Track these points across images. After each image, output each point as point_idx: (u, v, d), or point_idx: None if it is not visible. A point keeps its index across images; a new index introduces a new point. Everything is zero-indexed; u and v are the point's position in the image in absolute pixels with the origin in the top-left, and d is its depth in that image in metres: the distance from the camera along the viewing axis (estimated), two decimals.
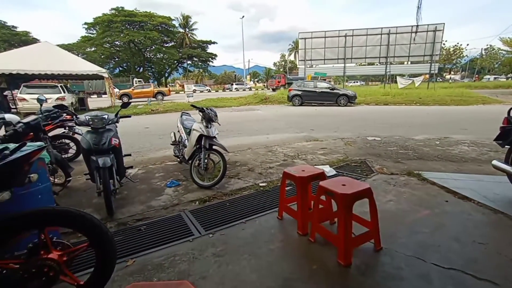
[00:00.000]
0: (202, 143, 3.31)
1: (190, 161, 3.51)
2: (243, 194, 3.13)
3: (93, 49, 40.68)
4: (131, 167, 3.62)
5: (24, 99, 11.98)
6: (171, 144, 4.33)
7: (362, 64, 23.79)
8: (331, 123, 8.52)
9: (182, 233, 2.33)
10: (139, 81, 35.62)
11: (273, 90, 32.45)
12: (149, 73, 49.52)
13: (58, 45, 16.95)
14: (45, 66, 12.42)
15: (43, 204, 1.79)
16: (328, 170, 3.67)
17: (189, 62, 49.41)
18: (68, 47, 30.55)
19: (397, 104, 14.35)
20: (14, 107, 12.66)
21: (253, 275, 1.79)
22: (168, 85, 48.34)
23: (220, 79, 61.12)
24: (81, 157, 4.58)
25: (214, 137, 3.39)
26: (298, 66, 32.24)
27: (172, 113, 12.19)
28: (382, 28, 19.45)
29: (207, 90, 38.97)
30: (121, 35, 39.51)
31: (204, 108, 3.43)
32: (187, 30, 47.80)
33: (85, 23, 40.92)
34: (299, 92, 14.82)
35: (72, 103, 12.97)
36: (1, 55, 13.41)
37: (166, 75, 50.86)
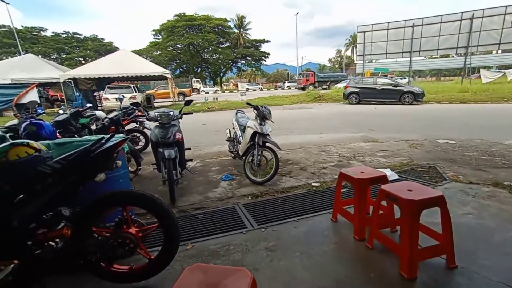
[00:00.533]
0: (256, 140, 3.39)
1: (243, 157, 3.64)
2: (295, 193, 3.10)
3: (158, 52, 45.38)
4: (191, 160, 3.93)
5: (107, 99, 14.19)
6: (226, 140, 4.56)
7: (433, 57, 20.85)
8: (393, 123, 7.78)
9: (235, 225, 2.44)
10: (197, 81, 38.39)
11: (302, 89, 30.53)
12: (206, 73, 52.91)
13: (132, 51, 19.46)
14: (123, 70, 14.41)
15: (123, 187, 2.09)
16: (390, 174, 3.37)
17: (242, 61, 51.08)
18: (139, 52, 34.73)
19: (479, 102, 12.18)
20: (100, 105, 15.02)
21: (305, 273, 1.77)
22: (222, 85, 50.86)
23: (272, 77, 61.46)
24: (148, 149, 5.21)
25: (268, 134, 3.44)
26: (355, 61, 30.23)
27: (226, 111, 12.80)
28: (462, 12, 16.69)
29: (259, 88, 39.71)
30: (182, 39, 43.12)
31: (259, 106, 3.50)
32: (242, 30, 49.40)
33: (153, 30, 45.97)
34: (357, 90, 13.88)
35: (141, 101, 14.77)
36: (93, 63, 16.09)
37: (221, 74, 53.64)
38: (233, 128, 4.35)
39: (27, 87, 14.34)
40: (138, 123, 5.33)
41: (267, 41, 50.88)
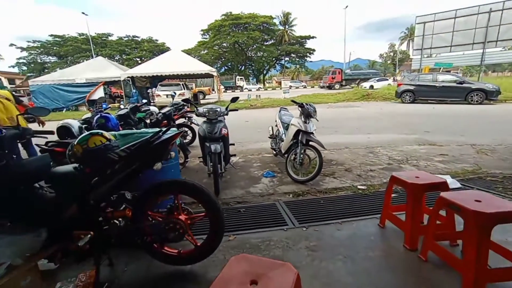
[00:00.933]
0: (299, 138, 3.34)
1: (286, 155, 3.63)
2: (339, 194, 2.98)
3: (205, 51, 47.55)
4: (234, 155, 4.06)
5: (159, 95, 15.43)
6: (269, 138, 4.59)
7: None
8: (456, 125, 6.91)
9: (276, 221, 2.46)
10: (240, 78, 39.30)
11: (328, 87, 28.72)
12: (249, 71, 53.77)
13: (182, 51, 20.79)
14: (173, 68, 15.46)
15: (174, 177, 2.27)
16: (450, 181, 3.01)
17: (286, 58, 50.51)
18: (188, 51, 36.90)
19: None
20: (152, 101, 16.45)
21: (348, 278, 1.69)
22: (265, 82, 51.07)
23: (317, 74, 59.47)
24: (195, 142, 5.54)
25: (312, 133, 3.36)
26: (411, 56, 27.40)
27: (268, 108, 12.86)
28: None
29: (302, 86, 38.89)
30: (228, 37, 44.45)
31: (304, 104, 3.44)
32: (287, 27, 48.83)
33: (201, 30, 48.31)
34: (411, 87, 12.61)
35: (189, 98, 15.70)
36: (148, 62, 17.65)
37: (265, 72, 53.92)
38: (276, 126, 4.35)
39: (96, 85, 16.46)
40: (187, 118, 5.69)
41: (313, 37, 49.40)
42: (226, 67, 52.16)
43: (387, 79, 28.18)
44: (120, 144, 1.69)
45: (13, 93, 4.09)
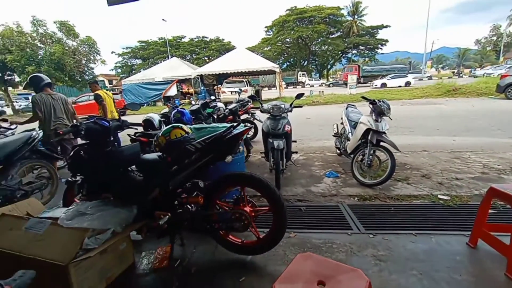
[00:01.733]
0: (369, 138, 3.08)
1: (351, 155, 3.40)
2: (414, 203, 2.65)
3: (268, 48, 47.97)
4: (296, 152, 4.02)
5: (224, 92, 16.41)
6: (333, 136, 4.38)
7: None
8: None
9: (340, 224, 2.34)
10: (302, 74, 38.45)
11: (346, 85, 24.13)
12: (312, 66, 52.05)
13: (246, 48, 21.52)
14: (237, 66, 16.16)
15: (240, 170, 2.38)
16: None
17: (354, 51, 46.87)
18: (252, 49, 37.86)
19: None
20: (218, 98, 17.60)
21: None
22: (329, 77, 48.72)
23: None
24: (256, 138, 5.70)
25: (384, 132, 3.06)
26: None
27: (331, 105, 12.28)
28: None
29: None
30: (292, 32, 43.76)
31: (376, 100, 3.15)
32: (356, 17, 45.15)
33: (265, 26, 48.87)
34: None
35: (251, 94, 16.20)
36: (215, 61, 18.93)
37: (329, 67, 51.39)
38: (342, 123, 4.12)
39: (170, 83, 18.54)
40: (250, 114, 5.90)
41: (386, 27, 44.23)
42: (288, 63, 51.72)
43: (407, 76, 23.58)
44: (195, 137, 1.87)
45: (105, 91, 5.09)
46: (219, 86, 18.89)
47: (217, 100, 6.28)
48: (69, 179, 2.45)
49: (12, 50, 18.28)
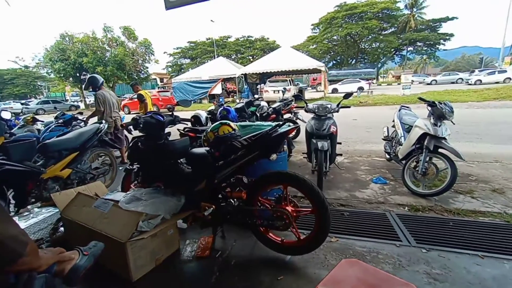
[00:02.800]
0: (425, 143, 2.79)
1: (403, 161, 3.13)
2: (479, 220, 2.33)
3: (314, 46, 46.61)
4: (340, 154, 3.85)
5: (267, 91, 16.47)
6: (382, 139, 4.08)
7: None
8: None
9: (386, 234, 2.18)
10: None
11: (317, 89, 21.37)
12: (361, 65, 49.09)
13: (291, 47, 21.27)
14: (281, 65, 16.07)
15: (282, 168, 2.37)
16: None
17: (410, 48, 42.70)
18: (297, 47, 37.21)
19: None
20: (260, 97, 17.77)
21: None
22: (379, 77, 45.42)
23: (452, 65, 47.12)
24: (297, 138, 5.61)
25: (444, 138, 2.74)
26: None
27: (381, 106, 11.45)
28: None
29: (430, 81, 31.80)
30: (340, 30, 41.75)
31: (436, 102, 2.83)
32: (415, 10, 41.00)
33: (312, 24, 47.53)
34: None
35: (296, 93, 15.99)
36: (259, 60, 19.15)
37: (379, 65, 47.84)
38: (393, 126, 3.81)
39: (216, 82, 19.32)
40: (293, 113, 5.83)
41: (452, 19, 38.98)
42: (334, 61, 49.65)
43: (359, 81, 22.04)
44: (241, 134, 1.92)
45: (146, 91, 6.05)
46: (262, 85, 19.07)
47: (260, 99, 6.36)
48: (127, 167, 2.74)
49: (87, 54, 21.13)
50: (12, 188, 2.52)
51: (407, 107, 3.90)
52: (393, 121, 3.80)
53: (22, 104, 24.13)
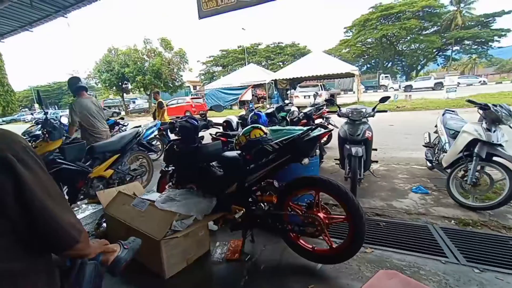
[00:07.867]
0: (476, 150, 2.52)
1: (448, 170, 2.86)
2: None
3: (347, 50, 45.15)
4: (376, 161, 3.65)
5: (297, 96, 16.30)
6: (423, 146, 3.78)
7: None
8: None
9: (429, 248, 1.99)
10: (385, 77, 34.66)
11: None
12: (398, 68, 46.42)
13: (323, 51, 20.89)
14: (312, 70, 15.78)
15: (314, 174, 2.31)
16: None
17: (456, 47, 38.91)
18: (328, 52, 36.40)
19: None
20: (290, 102, 17.65)
21: None
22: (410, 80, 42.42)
23: (510, 64, 41.74)
24: (329, 144, 5.43)
25: (500, 145, 2.45)
26: None
27: (420, 111, 10.66)
28: None
29: (479, 82, 28.80)
30: (374, 32, 39.97)
31: (489, 105, 2.55)
32: (462, 6, 37.31)
33: (344, 27, 46.21)
34: None
35: (328, 98, 15.59)
36: (289, 66, 19.10)
37: (419, 67, 44.70)
38: (436, 132, 3.51)
39: (246, 88, 19.66)
40: (324, 119, 5.68)
41: (509, 12, 33.55)
42: (368, 65, 47.61)
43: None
44: (273, 138, 1.91)
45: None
46: (292, 90, 18.94)
47: (290, 104, 6.32)
48: (163, 168, 2.89)
49: (129, 64, 23.01)
50: (67, 185, 2.81)
51: (453, 111, 3.57)
52: (436, 126, 3.50)
53: None
